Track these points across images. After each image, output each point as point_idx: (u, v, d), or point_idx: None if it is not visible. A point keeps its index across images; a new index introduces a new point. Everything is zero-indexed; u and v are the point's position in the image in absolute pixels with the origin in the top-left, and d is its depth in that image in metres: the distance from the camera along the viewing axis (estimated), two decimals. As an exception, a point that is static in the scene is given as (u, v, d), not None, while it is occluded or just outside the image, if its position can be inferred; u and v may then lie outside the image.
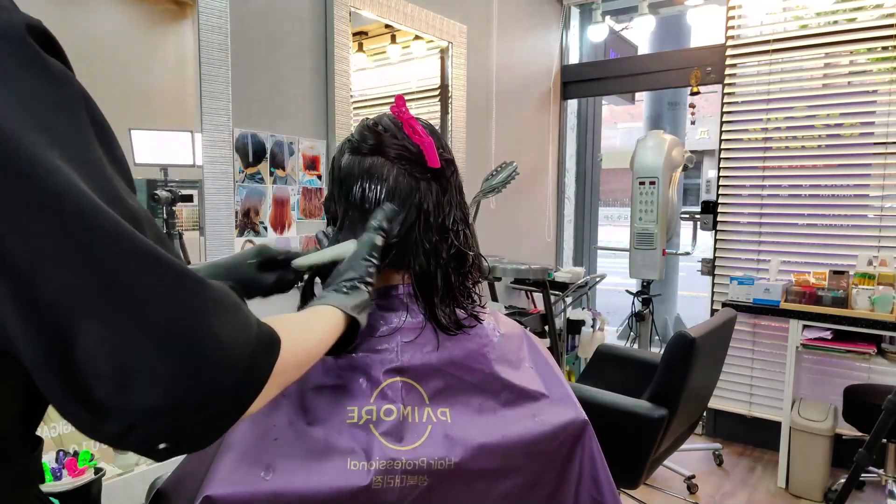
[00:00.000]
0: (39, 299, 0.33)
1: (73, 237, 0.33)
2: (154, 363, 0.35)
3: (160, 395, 0.35)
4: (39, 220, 0.33)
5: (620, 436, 1.79)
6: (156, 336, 0.35)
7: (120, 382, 0.34)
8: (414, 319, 0.75)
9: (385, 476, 0.65)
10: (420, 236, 0.75)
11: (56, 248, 0.33)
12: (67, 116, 0.37)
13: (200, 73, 1.64)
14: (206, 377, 0.37)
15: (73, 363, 0.34)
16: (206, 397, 0.37)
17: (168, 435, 0.37)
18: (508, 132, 3.09)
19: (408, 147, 0.75)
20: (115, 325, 0.34)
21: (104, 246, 0.34)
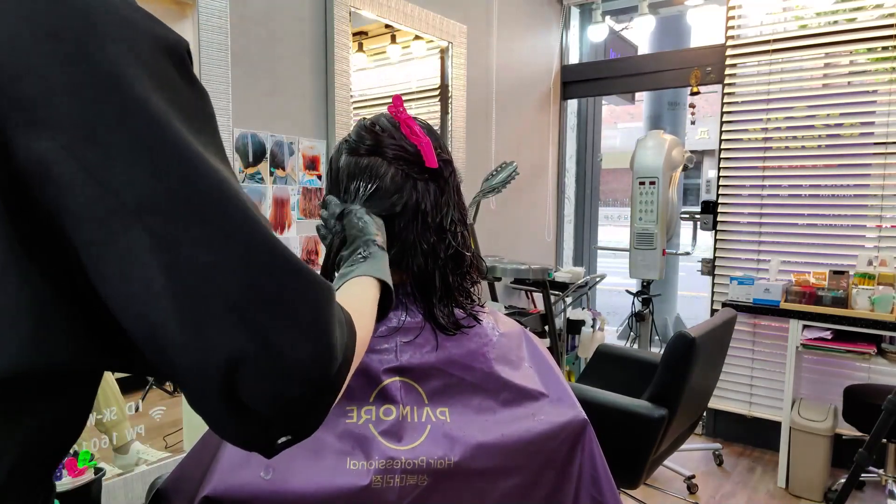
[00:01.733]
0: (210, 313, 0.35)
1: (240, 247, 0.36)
2: (302, 365, 0.38)
3: (305, 393, 0.38)
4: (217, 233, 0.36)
5: (620, 436, 1.79)
6: (309, 337, 0.38)
7: (279, 382, 0.37)
8: (413, 319, 0.75)
9: (384, 475, 0.65)
10: (418, 236, 0.75)
11: (227, 260, 0.36)
12: (212, 130, 0.41)
13: (200, 74, 1.64)
14: (330, 367, 0.40)
15: (238, 382, 0.36)
16: (328, 385, 0.40)
17: (292, 424, 0.40)
18: (508, 132, 3.09)
19: (405, 147, 0.75)
20: (277, 332, 0.37)
21: (262, 257, 0.37)
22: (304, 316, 0.38)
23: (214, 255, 0.35)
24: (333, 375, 0.40)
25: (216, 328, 0.35)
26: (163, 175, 0.34)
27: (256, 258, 0.37)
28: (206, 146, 0.37)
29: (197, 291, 0.35)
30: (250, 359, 0.36)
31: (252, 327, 0.36)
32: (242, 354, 0.35)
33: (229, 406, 0.36)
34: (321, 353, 0.39)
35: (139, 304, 0.35)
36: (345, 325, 0.45)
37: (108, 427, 1.49)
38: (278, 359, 0.36)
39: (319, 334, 0.39)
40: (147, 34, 0.37)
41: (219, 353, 0.35)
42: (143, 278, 0.34)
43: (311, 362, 0.38)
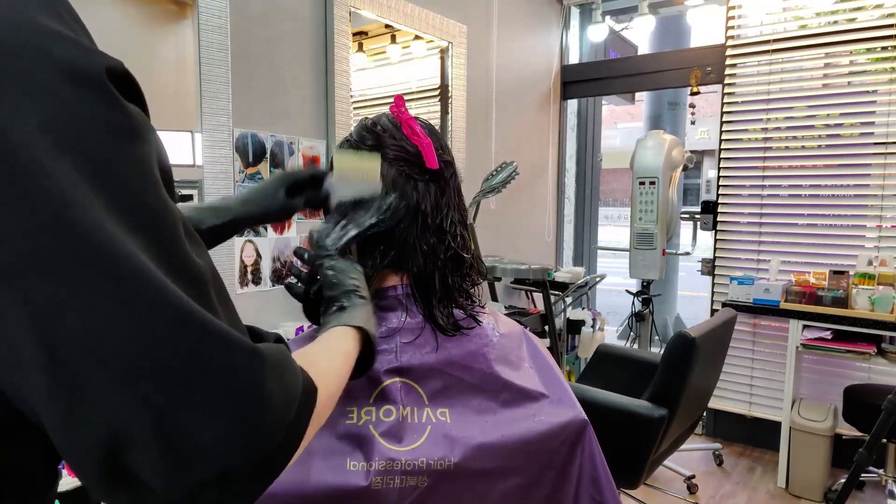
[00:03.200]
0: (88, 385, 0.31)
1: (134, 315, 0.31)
2: (213, 440, 0.33)
3: (214, 469, 0.34)
4: (99, 295, 0.31)
5: (620, 436, 1.79)
6: (216, 413, 0.34)
7: (175, 464, 0.33)
8: (413, 320, 0.75)
9: (384, 476, 0.65)
10: (418, 238, 0.74)
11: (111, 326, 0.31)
12: (141, 171, 0.35)
13: (200, 73, 1.64)
14: (259, 442, 0.36)
15: (124, 453, 0.32)
16: (257, 460, 0.36)
17: (215, 501, 0.36)
18: (508, 132, 3.09)
19: (406, 148, 0.75)
20: (173, 408, 0.32)
21: (160, 321, 0.32)
22: (215, 389, 0.33)
23: (96, 321, 0.31)
24: (263, 456, 0.36)
25: (95, 404, 0.31)
26: (36, 232, 0.30)
27: (152, 323, 0.32)
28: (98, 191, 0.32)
29: (74, 364, 0.30)
30: (137, 438, 0.31)
31: (141, 403, 0.31)
32: (127, 433, 0.31)
33: (114, 484, 0.33)
34: (239, 433, 0.34)
35: (12, 375, 0.31)
36: (297, 390, 0.41)
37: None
38: (176, 440, 0.32)
39: (238, 411, 0.34)
40: (40, 64, 0.32)
41: (97, 432, 0.31)
42: (14, 347, 0.30)
43: (224, 443, 0.33)
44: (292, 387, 0.40)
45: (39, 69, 0.32)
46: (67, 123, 0.32)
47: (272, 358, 0.38)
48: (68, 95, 0.32)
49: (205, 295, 0.36)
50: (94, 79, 0.33)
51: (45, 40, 0.33)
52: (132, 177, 0.34)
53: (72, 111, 0.32)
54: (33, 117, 0.31)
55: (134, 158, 0.34)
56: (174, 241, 0.35)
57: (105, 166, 0.33)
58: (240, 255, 1.80)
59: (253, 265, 1.84)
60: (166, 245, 0.34)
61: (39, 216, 0.30)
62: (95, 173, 0.32)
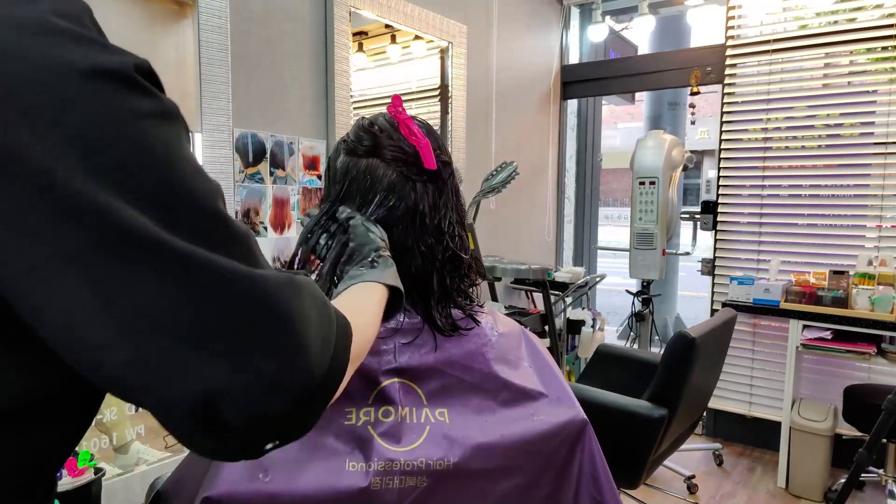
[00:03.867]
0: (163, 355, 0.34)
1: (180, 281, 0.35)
2: (274, 378, 0.37)
3: (279, 405, 0.37)
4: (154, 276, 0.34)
5: (620, 436, 1.79)
6: (275, 358, 0.37)
7: (252, 407, 0.36)
8: (412, 321, 0.75)
9: (384, 477, 0.65)
10: (416, 238, 0.74)
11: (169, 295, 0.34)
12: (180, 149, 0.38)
13: (200, 73, 1.64)
14: (311, 375, 0.39)
15: (213, 412, 0.35)
16: (311, 393, 0.39)
17: (279, 434, 0.39)
18: (508, 132, 3.09)
19: (404, 148, 0.75)
20: (241, 355, 0.36)
21: (210, 283, 0.35)
22: (270, 333, 0.37)
23: (155, 293, 0.34)
24: (317, 384, 0.40)
25: (175, 368, 0.34)
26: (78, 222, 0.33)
27: (203, 287, 0.35)
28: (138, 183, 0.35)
29: (146, 334, 0.34)
30: (220, 390, 0.35)
31: (214, 359, 0.35)
32: (210, 388, 0.35)
33: (209, 433, 0.36)
34: (297, 366, 0.38)
35: (90, 354, 0.34)
36: (334, 327, 0.44)
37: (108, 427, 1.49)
38: (250, 384, 0.36)
39: (290, 347, 0.38)
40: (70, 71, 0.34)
41: (185, 392, 0.34)
42: (92, 331, 0.33)
43: (288, 377, 0.37)
44: (328, 314, 0.44)
45: (69, 78, 0.34)
46: (101, 124, 0.34)
47: (307, 287, 0.42)
48: (101, 95, 0.34)
49: (252, 251, 0.40)
50: (123, 74, 0.36)
51: (73, 48, 0.35)
52: (172, 162, 0.37)
53: (106, 110, 0.34)
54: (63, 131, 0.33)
55: (173, 141, 0.37)
56: (218, 213, 0.38)
57: (142, 158, 0.35)
58: (240, 255, 1.80)
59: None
60: (213, 219, 0.38)
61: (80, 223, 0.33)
62: (131, 169, 0.35)
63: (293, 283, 0.40)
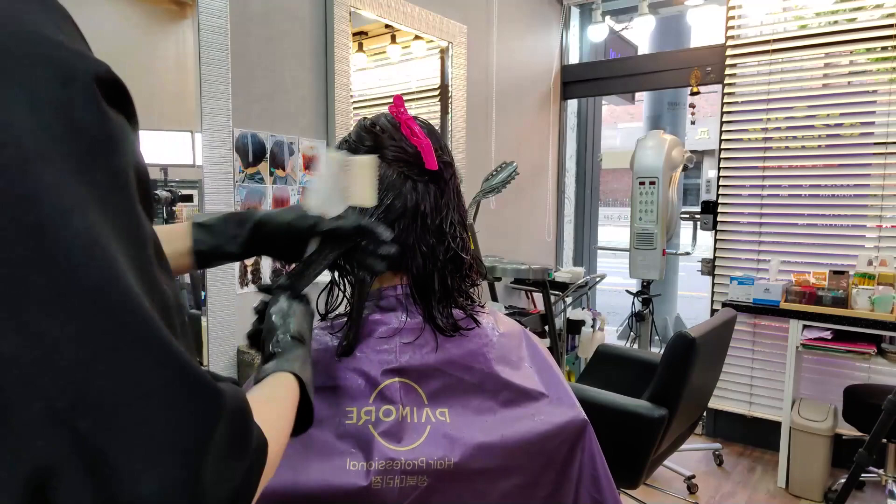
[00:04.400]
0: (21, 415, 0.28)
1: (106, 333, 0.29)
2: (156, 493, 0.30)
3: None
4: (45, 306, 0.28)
5: (620, 436, 1.79)
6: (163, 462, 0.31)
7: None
8: (413, 320, 0.75)
9: (384, 476, 0.65)
10: (417, 238, 0.74)
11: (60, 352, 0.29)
12: (115, 185, 0.33)
13: (200, 73, 1.64)
14: (205, 501, 0.33)
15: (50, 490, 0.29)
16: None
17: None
18: (508, 132, 3.09)
19: (405, 148, 0.75)
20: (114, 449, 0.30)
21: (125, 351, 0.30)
22: (168, 435, 0.31)
23: (43, 347, 0.28)
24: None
25: (27, 435, 0.28)
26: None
27: (109, 348, 0.29)
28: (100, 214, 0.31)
29: (10, 388, 0.28)
30: (68, 479, 0.28)
31: (80, 441, 0.28)
32: (54, 467, 0.28)
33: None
34: (187, 487, 0.31)
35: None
36: (251, 439, 0.39)
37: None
38: (110, 486, 0.29)
39: (189, 460, 0.31)
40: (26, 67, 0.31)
41: (21, 464, 0.28)
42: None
43: (170, 499, 0.30)
44: (247, 440, 0.39)
45: (24, 70, 0.31)
46: (49, 125, 0.31)
47: (231, 402, 0.36)
48: (52, 95, 0.31)
49: (170, 322, 0.33)
50: (80, 82, 0.33)
51: (34, 43, 0.32)
52: (104, 189, 0.32)
53: (54, 112, 0.31)
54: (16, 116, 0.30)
55: (109, 171, 0.33)
56: (141, 260, 0.33)
57: (77, 175, 0.31)
58: (240, 255, 1.80)
59: (253, 265, 1.84)
60: (133, 263, 0.32)
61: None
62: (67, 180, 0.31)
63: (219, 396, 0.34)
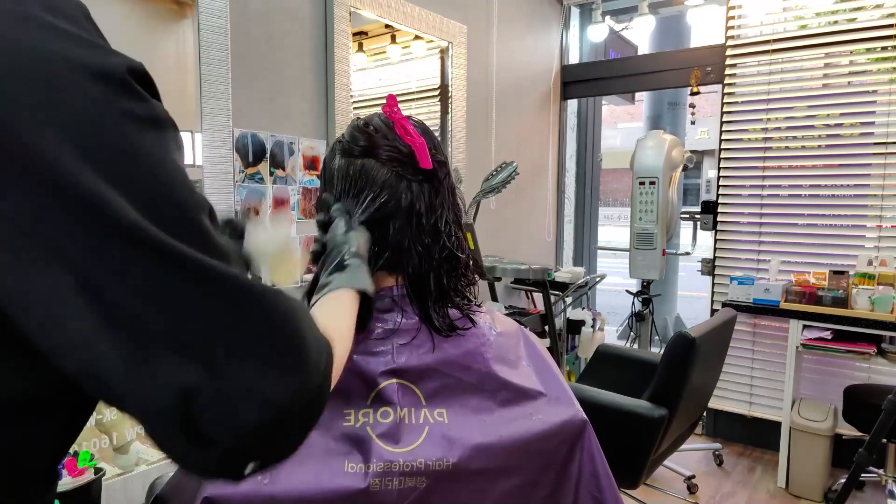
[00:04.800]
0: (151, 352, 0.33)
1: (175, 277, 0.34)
2: (267, 393, 0.36)
3: (272, 421, 0.36)
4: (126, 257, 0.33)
5: (620, 436, 1.79)
6: (268, 368, 0.36)
7: (233, 414, 0.35)
8: (409, 321, 0.75)
9: (383, 478, 0.65)
10: (412, 238, 0.74)
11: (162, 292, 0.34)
12: (167, 159, 0.37)
13: (200, 73, 1.64)
14: (300, 393, 0.38)
15: (195, 416, 0.34)
16: (302, 406, 0.38)
17: (260, 452, 0.38)
18: (508, 132, 3.09)
19: (399, 148, 0.75)
20: (231, 363, 0.35)
21: (207, 285, 0.35)
22: (265, 342, 0.36)
23: (143, 289, 0.33)
24: (306, 401, 0.38)
25: (161, 366, 0.33)
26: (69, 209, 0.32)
27: (200, 287, 0.34)
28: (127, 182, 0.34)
29: (135, 331, 0.33)
30: (203, 392, 0.34)
31: (203, 360, 0.34)
32: (194, 388, 0.33)
33: (190, 440, 0.35)
34: (289, 380, 0.37)
35: (75, 352, 0.33)
36: (322, 345, 0.43)
37: (108, 427, 1.49)
38: (237, 390, 0.34)
39: (286, 360, 0.37)
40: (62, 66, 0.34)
41: (167, 390, 0.33)
42: (74, 324, 0.32)
43: (278, 390, 0.36)
44: (321, 337, 0.44)
45: (62, 72, 0.34)
46: (92, 122, 0.34)
47: (304, 310, 0.42)
48: (92, 93, 0.34)
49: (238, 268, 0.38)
50: (116, 76, 0.35)
51: (66, 45, 0.34)
52: (159, 166, 0.36)
53: (97, 107, 0.34)
54: (58, 120, 0.32)
55: (161, 147, 0.37)
56: (202, 226, 0.37)
57: (131, 157, 0.35)
58: (240, 256, 1.80)
59: (253, 265, 1.84)
60: (200, 229, 0.37)
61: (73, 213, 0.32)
62: (121, 166, 0.34)
63: (285, 297, 0.39)
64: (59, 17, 0.35)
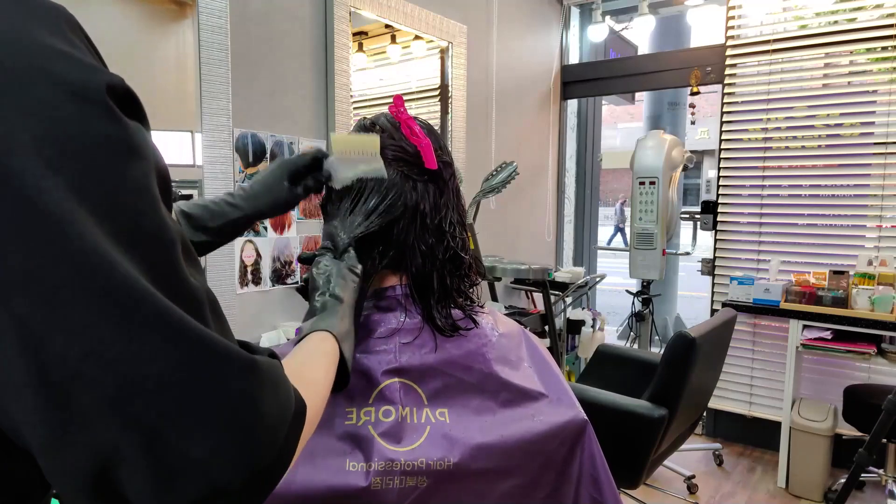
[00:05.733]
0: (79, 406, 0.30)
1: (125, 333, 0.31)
2: (204, 456, 0.33)
3: (205, 488, 0.33)
4: (91, 315, 0.30)
5: (620, 436, 1.79)
6: (209, 428, 0.33)
7: (165, 483, 0.32)
8: (412, 320, 0.75)
9: (384, 477, 0.65)
10: (416, 238, 0.74)
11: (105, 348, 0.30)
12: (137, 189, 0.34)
13: (200, 73, 1.64)
14: (251, 459, 0.35)
15: (115, 473, 0.31)
16: (249, 478, 0.35)
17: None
18: (508, 132, 3.09)
19: (405, 148, 0.75)
20: (165, 425, 0.32)
21: (158, 341, 0.32)
22: (209, 404, 0.33)
23: (88, 341, 0.30)
24: (254, 473, 0.35)
25: (85, 425, 0.30)
26: (26, 252, 0.29)
27: (144, 340, 0.31)
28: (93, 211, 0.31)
29: (64, 384, 0.30)
30: (128, 458, 0.31)
31: (132, 423, 0.31)
32: (117, 454, 0.31)
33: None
34: (232, 449, 0.34)
35: (2, 397, 0.31)
36: (285, 413, 0.40)
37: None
38: (167, 458, 0.31)
39: (232, 426, 0.34)
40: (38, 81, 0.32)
41: (87, 453, 0.30)
42: (4, 367, 0.30)
43: (216, 460, 0.33)
44: (286, 404, 0.40)
45: (36, 86, 0.31)
46: (64, 141, 0.31)
47: (268, 373, 0.38)
48: (66, 112, 0.32)
49: (201, 315, 0.35)
50: (93, 95, 0.33)
51: (44, 57, 0.32)
52: (129, 196, 0.33)
53: (69, 128, 0.32)
54: (28, 135, 0.30)
55: (132, 177, 0.34)
56: (170, 262, 0.34)
57: (101, 185, 0.32)
58: (240, 255, 1.80)
59: (253, 265, 1.84)
60: (161, 267, 0.34)
61: (29, 236, 0.30)
62: (91, 193, 0.32)
63: (255, 368, 0.36)
64: (41, 26, 0.33)
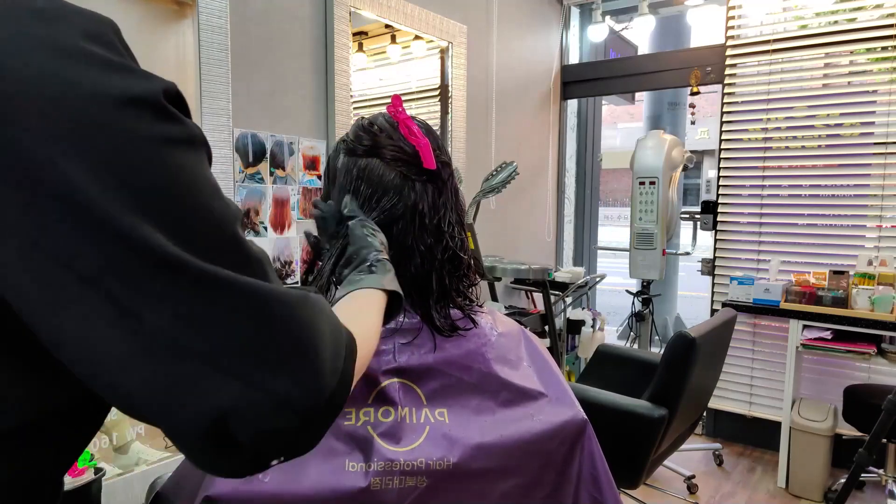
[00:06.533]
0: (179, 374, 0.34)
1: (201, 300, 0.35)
2: (286, 396, 0.37)
3: (289, 422, 0.37)
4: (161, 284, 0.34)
5: (620, 436, 1.79)
6: (289, 374, 0.37)
7: (263, 423, 0.36)
8: (411, 321, 0.75)
9: (384, 477, 0.65)
10: (415, 238, 0.74)
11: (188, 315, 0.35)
12: (204, 177, 0.39)
13: (200, 73, 1.64)
14: (321, 393, 0.39)
15: (226, 431, 0.35)
16: (320, 410, 0.40)
17: (286, 450, 0.40)
18: (508, 132, 3.09)
19: (403, 148, 0.75)
20: (257, 374, 0.36)
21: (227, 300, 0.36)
22: (286, 350, 0.38)
23: (176, 312, 0.34)
24: (326, 401, 0.40)
25: (191, 388, 0.34)
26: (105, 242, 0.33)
27: (223, 305, 0.36)
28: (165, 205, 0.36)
29: (164, 355, 0.34)
30: (234, 408, 0.35)
31: (230, 376, 0.35)
32: (225, 406, 0.35)
33: (219, 452, 0.36)
34: (309, 384, 0.38)
35: (107, 375, 0.34)
36: (343, 342, 0.44)
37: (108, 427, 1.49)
38: (261, 402, 0.36)
39: (305, 365, 0.38)
40: (101, 97, 0.34)
41: (198, 414, 0.35)
42: (105, 346, 0.34)
43: (300, 395, 0.38)
44: (346, 334, 0.45)
45: (96, 102, 0.34)
46: (131, 145, 0.35)
47: (318, 301, 0.43)
48: (123, 121, 0.35)
49: (264, 272, 0.40)
50: (151, 101, 0.36)
51: (102, 71, 0.35)
52: (194, 187, 0.37)
53: (133, 132, 0.35)
54: (95, 150, 0.33)
55: (197, 166, 0.38)
56: (237, 236, 0.39)
57: (166, 182, 0.36)
58: (240, 255, 1.80)
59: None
60: (234, 243, 0.39)
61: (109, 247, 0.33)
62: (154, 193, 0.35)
63: (308, 301, 0.41)
64: (96, 43, 0.36)
